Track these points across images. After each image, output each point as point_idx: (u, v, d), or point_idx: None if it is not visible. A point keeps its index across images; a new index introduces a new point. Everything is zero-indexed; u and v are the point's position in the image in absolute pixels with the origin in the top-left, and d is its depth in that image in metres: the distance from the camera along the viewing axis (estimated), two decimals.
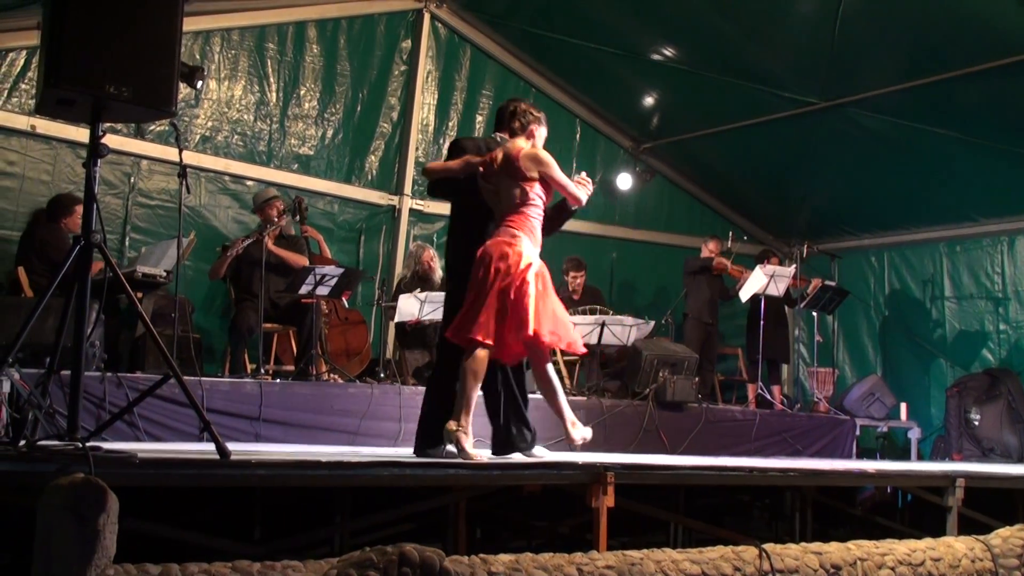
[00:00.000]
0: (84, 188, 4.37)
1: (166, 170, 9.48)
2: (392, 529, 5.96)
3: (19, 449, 4.03)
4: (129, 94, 4.20)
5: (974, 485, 6.87)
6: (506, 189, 5.66)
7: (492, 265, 5.50)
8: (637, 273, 12.66)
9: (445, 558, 4.08)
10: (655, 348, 9.64)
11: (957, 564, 5.92)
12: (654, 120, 12.31)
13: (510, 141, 5.77)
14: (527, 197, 5.63)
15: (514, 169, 5.62)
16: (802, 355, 13.28)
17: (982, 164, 10.44)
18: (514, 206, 5.63)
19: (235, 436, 6.96)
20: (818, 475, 6.82)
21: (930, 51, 9.23)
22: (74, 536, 3.37)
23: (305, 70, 10.49)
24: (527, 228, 5.62)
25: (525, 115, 5.83)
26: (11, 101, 8.90)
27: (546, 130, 5.95)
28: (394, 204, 11.09)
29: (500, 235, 5.59)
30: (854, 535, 6.13)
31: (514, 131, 5.81)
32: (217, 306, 9.93)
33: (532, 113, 5.87)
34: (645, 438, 8.98)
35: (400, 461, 5.02)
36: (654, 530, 7.49)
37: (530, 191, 5.62)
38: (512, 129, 5.81)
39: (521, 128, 5.80)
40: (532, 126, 5.83)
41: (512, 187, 5.64)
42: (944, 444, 11.00)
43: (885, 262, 12.62)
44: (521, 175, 5.61)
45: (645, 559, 4.84)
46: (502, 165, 5.67)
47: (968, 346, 11.69)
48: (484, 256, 5.56)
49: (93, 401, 6.50)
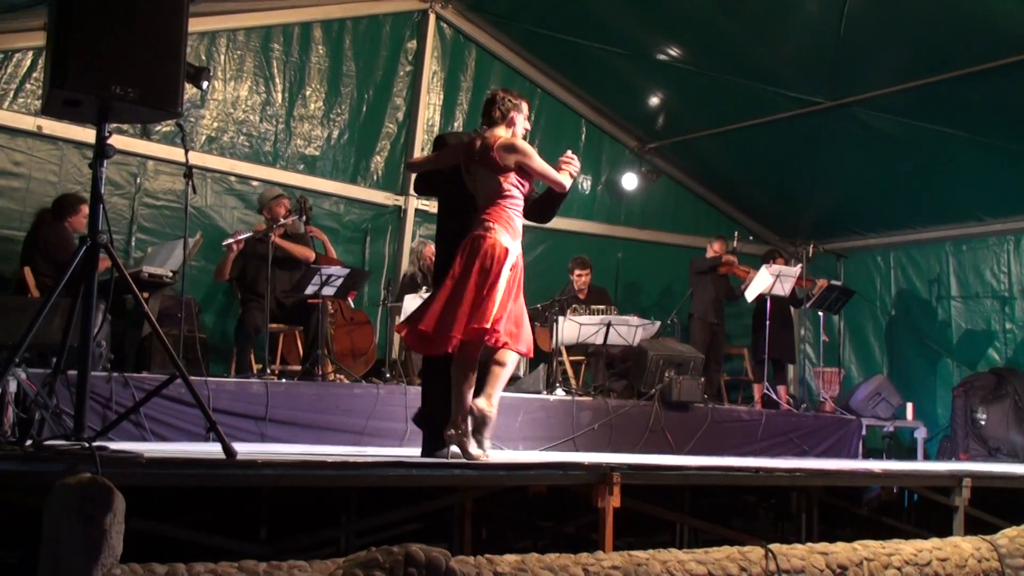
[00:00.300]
0: (90, 188, 4.38)
1: (172, 170, 9.48)
2: (398, 529, 5.96)
3: (26, 449, 4.04)
4: (135, 95, 4.21)
5: (980, 485, 6.86)
6: (483, 180, 5.57)
7: (468, 261, 5.40)
8: (643, 273, 12.64)
9: (451, 558, 4.08)
10: (661, 348, 9.64)
11: (964, 564, 5.91)
12: (660, 120, 12.32)
13: (489, 131, 5.66)
14: (503, 188, 5.52)
15: (490, 159, 5.52)
16: (808, 355, 13.26)
17: (988, 163, 10.42)
18: (491, 197, 5.53)
19: (241, 436, 6.97)
20: (824, 475, 6.82)
21: (936, 50, 9.22)
22: (81, 536, 3.38)
23: (311, 71, 10.49)
24: (503, 219, 5.50)
25: (504, 102, 5.68)
26: (17, 101, 8.91)
27: (525, 116, 5.79)
28: (400, 204, 11.10)
29: (477, 229, 5.49)
30: (860, 535, 6.11)
31: (494, 120, 5.68)
32: (223, 306, 9.94)
33: (511, 100, 5.72)
34: (651, 438, 8.97)
35: (406, 461, 5.03)
36: (660, 530, 7.48)
37: (505, 182, 5.52)
38: (492, 118, 5.69)
39: (501, 116, 5.67)
40: (512, 113, 5.69)
41: (489, 178, 5.55)
42: (950, 444, 10.98)
43: (891, 262, 12.60)
44: (497, 166, 5.51)
45: (651, 559, 4.84)
46: (479, 155, 5.57)
47: (974, 345, 11.67)
48: (460, 252, 5.46)
49: (99, 401, 6.51)
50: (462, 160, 5.70)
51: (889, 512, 8.65)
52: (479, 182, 5.59)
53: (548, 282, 10.96)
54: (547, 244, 11.63)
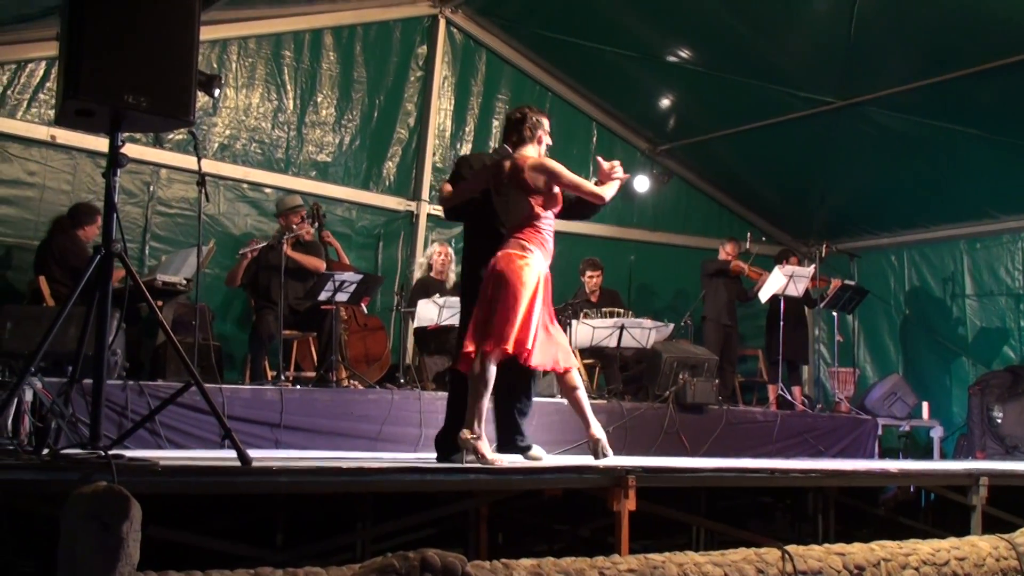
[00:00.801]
0: (104, 197, 4.39)
1: (185, 179, 9.51)
2: (414, 535, 5.96)
3: (43, 458, 4.05)
4: (147, 104, 4.21)
5: (998, 483, 6.84)
6: (515, 201, 5.56)
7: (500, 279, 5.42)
8: (655, 275, 12.63)
9: (467, 563, 4.08)
10: (675, 350, 9.63)
11: (982, 563, 5.89)
12: (671, 122, 12.31)
13: (518, 151, 5.64)
14: (535, 209, 5.52)
15: (521, 181, 5.51)
16: (822, 355, 13.23)
17: (1001, 160, 10.39)
18: (523, 218, 5.53)
19: (256, 443, 6.98)
20: (840, 475, 6.80)
21: (946, 48, 9.20)
22: (98, 544, 3.39)
23: (322, 77, 10.52)
24: (537, 240, 5.53)
25: (533, 120, 5.68)
26: (31, 112, 8.96)
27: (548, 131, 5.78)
28: (412, 210, 11.11)
29: (510, 247, 5.49)
30: (877, 535, 6.09)
31: (524, 139, 5.65)
32: (237, 313, 9.97)
33: (538, 117, 5.72)
34: (666, 441, 8.97)
35: (421, 467, 5.03)
36: (676, 533, 7.47)
37: (536, 204, 5.53)
38: (522, 137, 5.66)
39: (531, 135, 5.65)
40: (539, 131, 5.69)
41: (520, 199, 5.54)
42: (967, 442, 10.94)
43: (904, 260, 12.58)
44: (529, 187, 5.50)
45: (667, 562, 4.83)
46: (510, 176, 5.57)
47: (989, 343, 11.64)
48: (493, 270, 5.48)
49: (115, 409, 6.54)
50: (491, 183, 5.70)
51: (906, 512, 8.61)
52: (511, 203, 5.59)
53: (560, 285, 10.85)
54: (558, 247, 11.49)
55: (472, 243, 6.19)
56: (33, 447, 4.49)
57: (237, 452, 4.29)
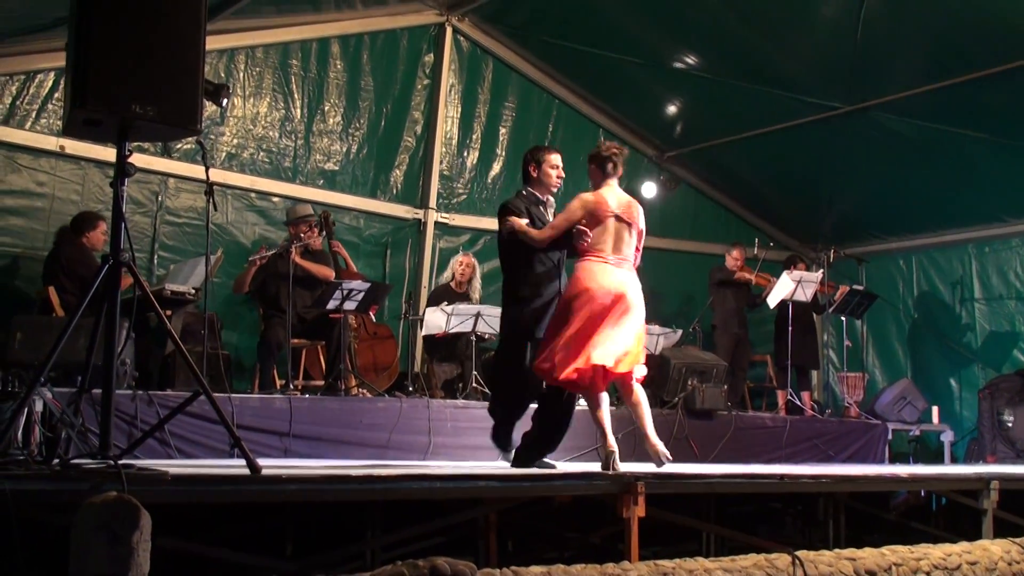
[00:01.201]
0: (112, 207, 4.40)
1: (193, 188, 9.52)
2: (423, 543, 5.96)
3: (53, 468, 4.06)
4: (155, 113, 4.23)
5: (1009, 487, 6.83)
6: (625, 235, 6.59)
7: (577, 302, 6.25)
8: (663, 282, 12.55)
9: (477, 571, 4.07)
10: (683, 356, 9.62)
11: (993, 567, 5.87)
12: (678, 128, 12.30)
13: (609, 186, 6.39)
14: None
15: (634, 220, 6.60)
16: (832, 360, 13.19)
17: (1009, 164, 10.37)
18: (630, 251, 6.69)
19: (265, 452, 6.98)
20: (850, 481, 6.79)
21: (954, 52, 9.18)
22: (108, 554, 3.39)
23: (329, 86, 10.53)
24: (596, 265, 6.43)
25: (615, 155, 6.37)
26: (40, 122, 8.98)
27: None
28: (419, 218, 11.11)
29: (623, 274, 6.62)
30: (888, 540, 6.07)
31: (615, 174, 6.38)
32: (245, 322, 9.97)
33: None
34: (675, 447, 8.91)
35: (430, 474, 5.03)
36: (686, 539, 7.46)
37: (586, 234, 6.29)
38: (617, 173, 6.38)
39: (613, 168, 6.38)
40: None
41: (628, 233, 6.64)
42: (977, 446, 10.91)
43: (913, 265, 12.55)
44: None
45: (677, 568, 4.83)
46: (636, 213, 6.51)
47: (999, 347, 11.61)
48: (572, 293, 6.30)
49: (125, 419, 6.54)
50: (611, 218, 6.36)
51: (917, 516, 8.61)
52: (618, 236, 6.50)
53: None
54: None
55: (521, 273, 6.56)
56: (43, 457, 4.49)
57: (246, 461, 4.30)
